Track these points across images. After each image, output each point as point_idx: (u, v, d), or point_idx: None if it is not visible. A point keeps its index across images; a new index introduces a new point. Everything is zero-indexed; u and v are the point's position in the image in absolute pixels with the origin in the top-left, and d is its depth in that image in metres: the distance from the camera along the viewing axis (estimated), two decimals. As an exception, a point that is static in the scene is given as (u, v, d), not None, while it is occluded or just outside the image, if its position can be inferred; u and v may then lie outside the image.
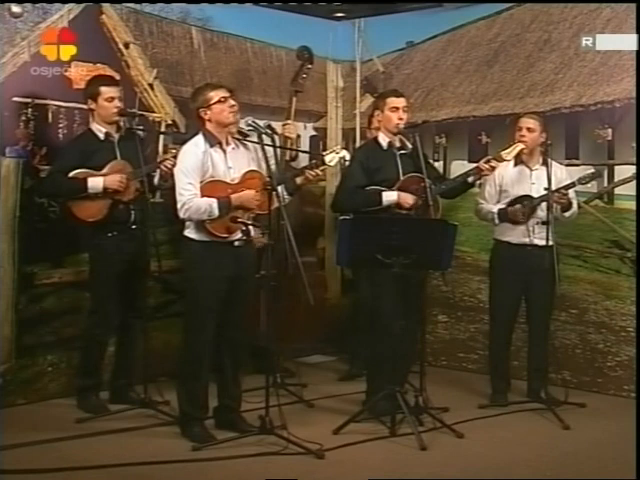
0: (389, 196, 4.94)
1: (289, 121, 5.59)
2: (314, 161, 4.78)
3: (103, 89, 4.93)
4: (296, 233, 4.45)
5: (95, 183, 4.84)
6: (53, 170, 4.99)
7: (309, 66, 5.70)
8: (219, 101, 4.47)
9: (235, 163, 4.54)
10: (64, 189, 4.90)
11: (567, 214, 5.21)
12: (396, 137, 5.04)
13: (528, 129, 5.18)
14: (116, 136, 5.01)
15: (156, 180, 5.04)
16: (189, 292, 4.63)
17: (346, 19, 6.76)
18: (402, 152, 5.04)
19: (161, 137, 5.74)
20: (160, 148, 5.71)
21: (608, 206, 5.75)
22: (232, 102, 4.50)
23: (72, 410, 5.01)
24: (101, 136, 4.97)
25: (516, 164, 5.25)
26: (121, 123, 5.04)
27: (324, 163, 4.69)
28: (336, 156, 4.68)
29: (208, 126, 4.52)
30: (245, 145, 4.67)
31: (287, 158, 5.62)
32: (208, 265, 4.45)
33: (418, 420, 4.76)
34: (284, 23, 6.46)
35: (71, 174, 4.85)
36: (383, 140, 5.06)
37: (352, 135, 6.91)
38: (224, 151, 4.53)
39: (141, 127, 5.23)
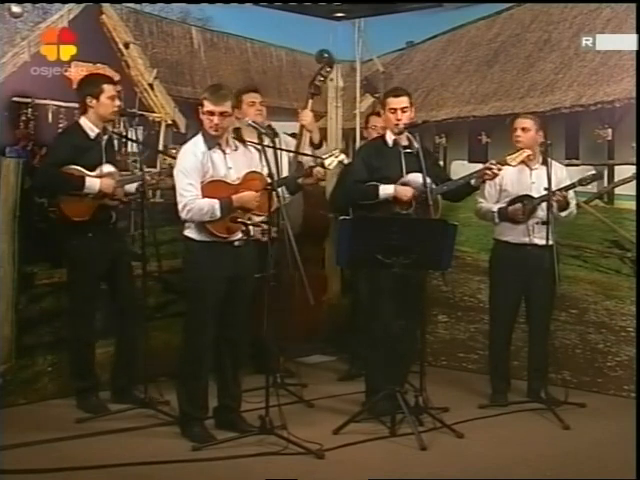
0: (386, 189, 4.92)
1: (305, 110, 5.50)
2: (313, 164, 4.79)
3: (106, 87, 4.90)
4: (299, 233, 4.45)
5: (92, 184, 4.83)
6: (47, 162, 4.96)
7: (328, 69, 5.67)
8: (204, 112, 4.44)
9: (235, 164, 4.53)
10: (60, 184, 4.85)
11: (564, 214, 5.20)
12: (402, 136, 5.02)
13: (523, 129, 5.19)
14: (104, 138, 4.98)
15: (132, 189, 4.98)
16: (189, 292, 4.63)
17: (346, 19, 6.76)
18: (408, 151, 5.02)
19: (161, 137, 5.75)
20: (160, 148, 5.72)
21: (608, 206, 5.76)
22: (216, 120, 4.39)
23: (72, 410, 5.00)
24: (92, 135, 4.93)
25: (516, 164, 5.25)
26: (108, 125, 5.02)
27: (323, 166, 4.71)
28: (335, 160, 4.70)
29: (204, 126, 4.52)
30: (246, 146, 4.66)
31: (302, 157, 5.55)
32: (208, 265, 4.45)
33: (418, 420, 4.76)
34: (284, 23, 6.46)
35: (65, 169, 4.82)
36: (389, 138, 5.05)
37: (352, 135, 6.91)
38: (224, 152, 4.53)
39: (141, 127, 5.23)
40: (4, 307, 5.08)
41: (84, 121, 4.94)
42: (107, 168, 4.92)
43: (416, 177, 4.91)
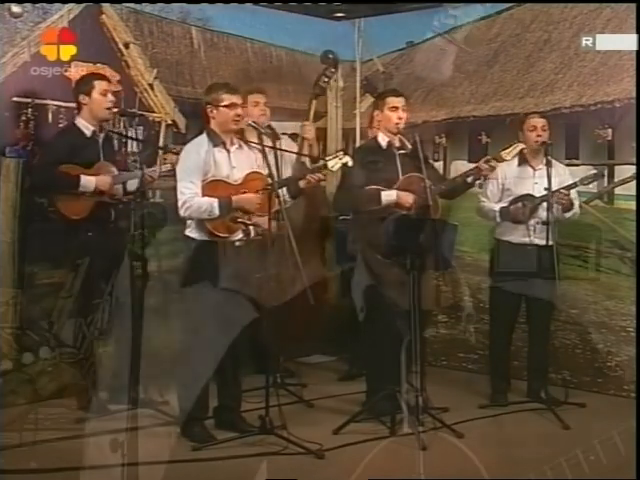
0: (388, 196, 4.93)
1: (307, 122, 5.56)
2: (317, 165, 4.79)
3: (97, 83, 4.93)
4: (299, 234, 4.45)
5: (87, 182, 4.83)
6: (44, 162, 4.96)
7: (332, 70, 5.67)
8: (227, 106, 4.46)
9: (239, 163, 4.54)
10: (56, 183, 4.86)
11: (568, 214, 5.21)
12: (396, 137, 5.04)
13: (543, 127, 5.19)
14: (101, 135, 4.99)
15: (133, 187, 4.97)
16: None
17: (346, 19, 6.75)
18: (402, 152, 5.03)
19: (161, 137, 5.75)
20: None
21: (608, 206, 5.75)
22: (239, 111, 4.48)
23: (72, 410, 4.99)
24: (88, 133, 4.95)
25: (520, 163, 5.25)
26: (104, 124, 5.02)
27: (327, 168, 4.69)
28: (339, 162, 4.68)
29: (212, 124, 4.52)
30: (249, 146, 4.66)
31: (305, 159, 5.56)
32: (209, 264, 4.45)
33: (418, 420, 4.76)
34: (284, 23, 6.46)
35: (61, 168, 4.82)
36: (382, 140, 5.06)
37: (352, 135, 6.90)
38: (228, 151, 4.53)
39: (141, 127, 5.23)
40: (4, 307, 5.08)
41: (79, 120, 4.96)
42: (99, 165, 4.91)
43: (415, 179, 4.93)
